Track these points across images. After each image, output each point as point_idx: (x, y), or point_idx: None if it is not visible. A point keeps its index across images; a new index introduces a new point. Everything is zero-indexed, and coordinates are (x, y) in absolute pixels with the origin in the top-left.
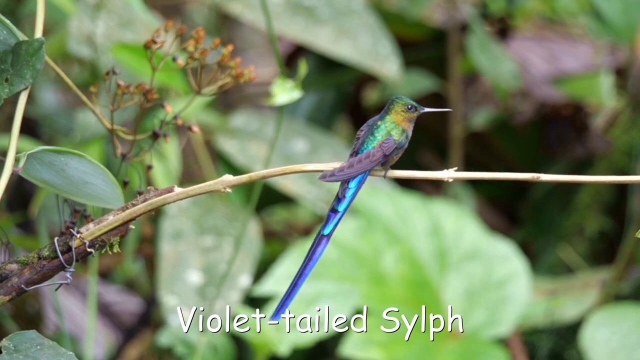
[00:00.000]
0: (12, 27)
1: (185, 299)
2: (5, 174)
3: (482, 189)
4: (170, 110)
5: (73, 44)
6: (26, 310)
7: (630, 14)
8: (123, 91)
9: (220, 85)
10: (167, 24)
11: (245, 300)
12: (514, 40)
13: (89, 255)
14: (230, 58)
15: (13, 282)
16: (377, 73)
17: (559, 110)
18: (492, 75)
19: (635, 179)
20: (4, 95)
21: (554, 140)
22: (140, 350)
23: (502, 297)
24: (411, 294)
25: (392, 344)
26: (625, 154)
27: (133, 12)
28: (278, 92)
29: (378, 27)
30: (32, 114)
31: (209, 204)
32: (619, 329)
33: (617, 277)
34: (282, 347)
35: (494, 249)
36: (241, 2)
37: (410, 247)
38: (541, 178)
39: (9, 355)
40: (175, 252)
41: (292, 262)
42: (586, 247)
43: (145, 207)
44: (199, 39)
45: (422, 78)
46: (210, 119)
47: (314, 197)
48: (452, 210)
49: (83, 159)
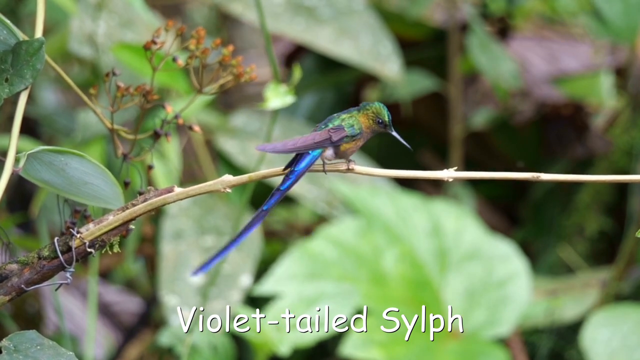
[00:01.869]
0: (12, 27)
1: (186, 298)
2: (5, 174)
3: (482, 189)
4: (170, 111)
5: (74, 43)
6: (26, 310)
7: (630, 14)
8: (123, 93)
9: (221, 84)
10: (168, 24)
11: (245, 300)
12: (514, 40)
13: (89, 255)
14: (231, 57)
15: (13, 282)
16: (378, 73)
17: (559, 110)
18: (492, 75)
19: (635, 179)
20: (4, 95)
21: (554, 140)
22: (140, 350)
23: (502, 297)
24: (411, 294)
25: (392, 344)
26: (625, 153)
27: (134, 11)
28: (271, 96)
29: (379, 27)
30: (32, 114)
31: (209, 204)
32: (619, 329)
33: (617, 277)
34: (282, 347)
35: (494, 249)
36: (242, 2)
37: (410, 247)
38: (541, 177)
39: (9, 355)
40: (176, 252)
41: (293, 262)
42: (586, 247)
43: (145, 207)
44: (200, 39)
45: (422, 78)
46: (211, 119)
47: (314, 197)
48: (452, 210)
49: (83, 159)
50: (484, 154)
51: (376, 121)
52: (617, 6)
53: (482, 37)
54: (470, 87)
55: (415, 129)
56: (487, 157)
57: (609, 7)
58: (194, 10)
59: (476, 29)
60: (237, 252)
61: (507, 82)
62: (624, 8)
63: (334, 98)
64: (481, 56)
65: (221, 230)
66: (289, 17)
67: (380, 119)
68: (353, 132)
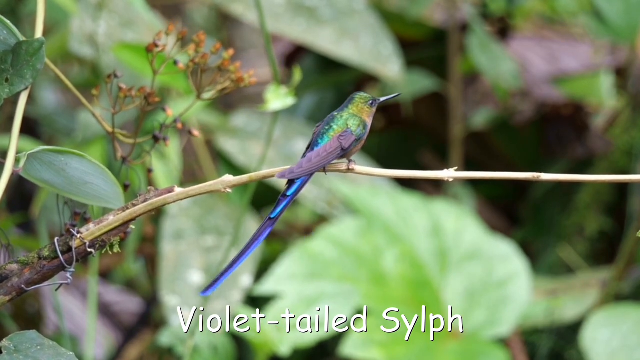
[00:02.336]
0: (12, 27)
1: (186, 299)
2: (6, 174)
3: (482, 189)
4: (170, 114)
5: (75, 43)
6: (26, 310)
7: (631, 14)
8: (125, 94)
9: (220, 89)
10: (169, 27)
11: (245, 300)
12: (514, 40)
13: (89, 255)
14: (230, 62)
15: (13, 282)
16: (378, 73)
17: (559, 110)
18: (492, 75)
19: (635, 179)
20: (4, 95)
21: (554, 140)
22: (140, 350)
23: (502, 297)
24: (411, 294)
25: (392, 344)
26: (625, 153)
27: (135, 11)
28: (271, 98)
29: (379, 27)
30: (32, 114)
31: (209, 204)
32: (619, 329)
33: (617, 277)
34: (282, 347)
35: (494, 249)
36: (242, 2)
37: (410, 247)
38: (541, 177)
39: (9, 355)
40: (176, 252)
41: (293, 262)
42: (586, 247)
43: (145, 207)
44: (200, 43)
45: (422, 78)
46: (211, 119)
47: (314, 197)
48: (453, 210)
49: (83, 159)
50: (484, 154)
51: (369, 104)
52: (617, 6)
53: (482, 37)
54: (470, 87)
55: (415, 129)
56: (487, 157)
57: (609, 6)
58: (194, 10)
59: (476, 29)
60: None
61: (507, 82)
62: (624, 8)
63: (334, 98)
64: (481, 56)
65: (221, 231)
66: (290, 18)
67: (370, 100)
68: (360, 134)
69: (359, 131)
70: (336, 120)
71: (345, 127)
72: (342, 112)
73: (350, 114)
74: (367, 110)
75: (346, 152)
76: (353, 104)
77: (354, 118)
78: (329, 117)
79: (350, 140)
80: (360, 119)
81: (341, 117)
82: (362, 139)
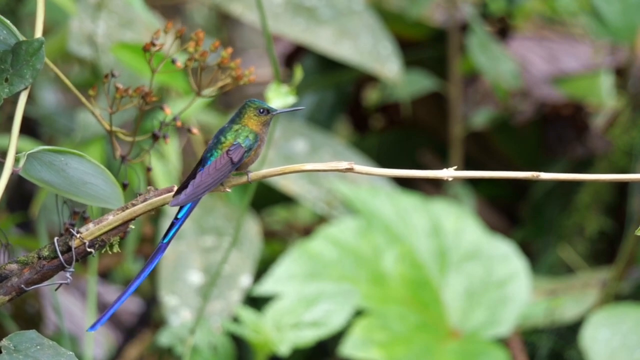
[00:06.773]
0: (12, 27)
1: (186, 299)
2: (5, 174)
3: (482, 189)
4: (169, 113)
5: (74, 43)
6: (26, 310)
7: (629, 15)
8: (122, 94)
9: (220, 86)
10: (167, 25)
11: (245, 300)
12: (514, 40)
13: (88, 255)
14: (230, 59)
15: (13, 282)
16: (378, 74)
17: (559, 110)
18: (492, 75)
19: (635, 179)
20: (4, 95)
21: (554, 140)
22: (140, 350)
23: (502, 297)
24: (411, 294)
25: (392, 344)
26: (625, 153)
27: (134, 12)
28: (272, 97)
29: (379, 27)
30: (32, 114)
31: (209, 204)
32: (619, 329)
33: (617, 277)
34: (282, 347)
35: (494, 249)
36: (242, 2)
37: (410, 247)
38: (541, 176)
39: (9, 355)
40: (176, 252)
41: (292, 262)
42: (586, 247)
43: (145, 207)
44: (199, 41)
45: (422, 78)
46: (210, 119)
47: (314, 197)
48: (452, 210)
49: (83, 159)
50: (484, 154)
51: (260, 113)
52: (616, 6)
53: (482, 37)
54: (470, 87)
55: (415, 129)
56: (487, 157)
57: (608, 7)
58: (194, 10)
59: (476, 29)
60: (236, 253)
61: (507, 82)
62: (622, 8)
63: (334, 98)
64: (481, 56)
65: (221, 231)
66: (289, 18)
67: (261, 108)
68: (249, 144)
69: (248, 142)
70: (225, 134)
71: (234, 140)
72: (232, 124)
73: (240, 125)
74: (257, 119)
75: (239, 165)
76: (243, 114)
77: (243, 129)
78: (219, 130)
79: (240, 153)
80: (250, 129)
81: (230, 129)
82: (252, 149)
